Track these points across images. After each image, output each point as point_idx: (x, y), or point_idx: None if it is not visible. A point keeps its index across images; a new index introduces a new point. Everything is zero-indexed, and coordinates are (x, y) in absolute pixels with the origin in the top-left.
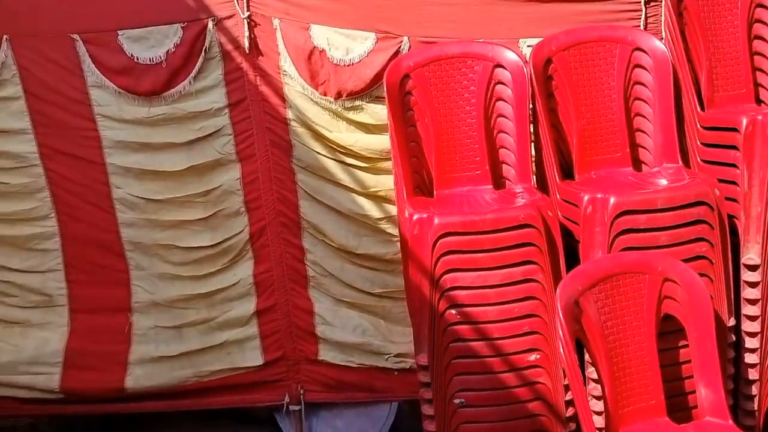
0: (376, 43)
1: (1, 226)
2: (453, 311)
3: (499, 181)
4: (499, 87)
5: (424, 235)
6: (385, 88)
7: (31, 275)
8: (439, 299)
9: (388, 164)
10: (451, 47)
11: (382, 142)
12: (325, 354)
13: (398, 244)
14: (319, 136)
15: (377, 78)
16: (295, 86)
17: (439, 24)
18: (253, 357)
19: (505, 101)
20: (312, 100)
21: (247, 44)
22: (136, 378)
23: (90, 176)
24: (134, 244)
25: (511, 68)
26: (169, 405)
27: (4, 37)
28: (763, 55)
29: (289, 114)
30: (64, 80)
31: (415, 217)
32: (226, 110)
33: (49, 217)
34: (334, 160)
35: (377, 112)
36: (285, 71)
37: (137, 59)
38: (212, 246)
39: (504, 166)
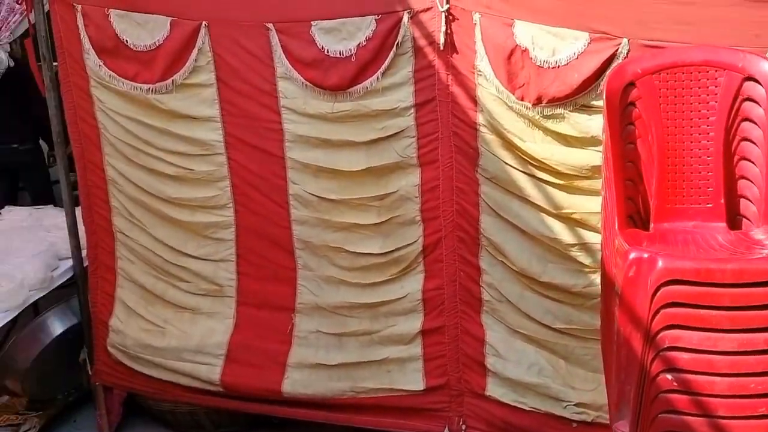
0: (588, 44)
1: (181, 211)
2: (669, 376)
3: (734, 219)
4: (747, 104)
5: (642, 278)
6: (604, 97)
7: (204, 263)
8: (653, 359)
9: (587, 183)
10: (692, 53)
11: (583, 157)
12: (494, 390)
13: (590, 276)
14: (510, 145)
15: (585, 84)
16: (489, 88)
17: (669, 26)
18: (413, 380)
19: (754, 122)
20: (506, 104)
21: (441, 40)
22: (293, 382)
23: (269, 169)
24: (304, 243)
25: (766, 83)
26: (324, 416)
27: (203, 23)
28: None
29: (480, 118)
30: (255, 70)
31: (633, 255)
32: (412, 110)
33: (227, 206)
34: (525, 173)
35: (580, 123)
36: (480, 71)
37: (327, 52)
38: (382, 254)
39: (742, 200)
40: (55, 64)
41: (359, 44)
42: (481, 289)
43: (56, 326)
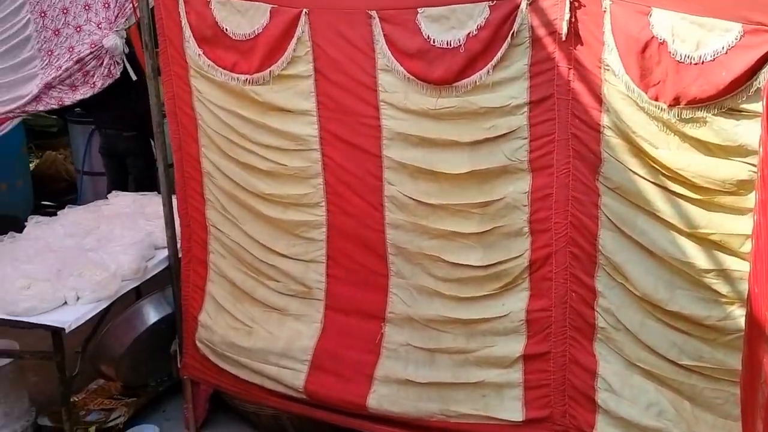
0: (741, 37)
1: (273, 208)
2: None
3: None
4: None
5: None
6: (763, 101)
7: (294, 263)
8: None
9: (730, 200)
10: None
11: (727, 169)
12: (604, 429)
13: (727, 307)
14: (639, 152)
15: (735, 84)
16: (617, 85)
17: None
18: (511, 408)
19: None
20: (637, 104)
21: (564, 29)
22: (379, 397)
23: (364, 168)
24: (398, 249)
25: None
26: None
27: (304, 10)
28: None
29: (604, 120)
30: (355, 61)
31: None
32: (525, 108)
33: (320, 205)
34: (655, 184)
35: (725, 130)
36: (608, 65)
37: (433, 42)
38: (483, 267)
39: None
40: (157, 51)
41: (469, 33)
42: (596, 314)
43: (151, 315)
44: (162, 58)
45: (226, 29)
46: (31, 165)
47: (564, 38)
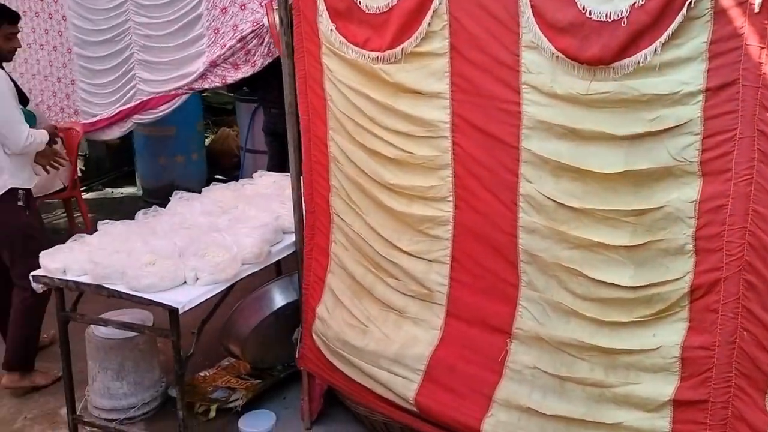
0: None
1: (398, 200)
2: None
3: None
4: None
5: None
6: None
7: (416, 261)
8: None
9: None
10: None
11: None
12: None
13: None
14: None
15: None
16: None
17: None
18: None
19: None
20: None
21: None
22: (496, 423)
23: (498, 160)
24: (531, 257)
25: None
26: None
27: None
28: None
29: None
30: (496, 36)
31: None
32: (700, 97)
33: (447, 200)
34: None
35: None
36: None
37: (590, 13)
38: (632, 288)
39: None
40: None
41: (634, 4)
42: None
43: (277, 300)
44: (296, 34)
45: (360, 2)
46: (207, 140)
47: (758, 9)
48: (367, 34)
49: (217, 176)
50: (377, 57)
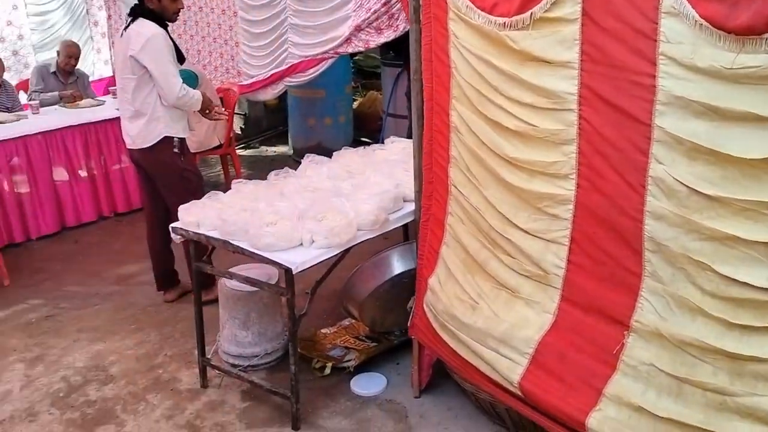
0: None
1: (518, 174)
2: None
3: None
4: None
5: None
6: None
7: (532, 240)
8: None
9: None
10: None
11: None
12: None
13: None
14: None
15: None
16: None
17: None
18: None
19: None
20: None
21: None
22: (603, 419)
23: (627, 138)
24: (657, 245)
25: None
26: None
27: None
28: None
29: None
30: (633, 1)
31: None
32: None
33: (569, 177)
34: None
35: None
36: None
37: None
38: (767, 290)
39: None
40: None
41: None
42: None
43: (395, 266)
44: None
45: None
46: (355, 103)
47: None
48: None
49: (363, 138)
50: (504, 23)
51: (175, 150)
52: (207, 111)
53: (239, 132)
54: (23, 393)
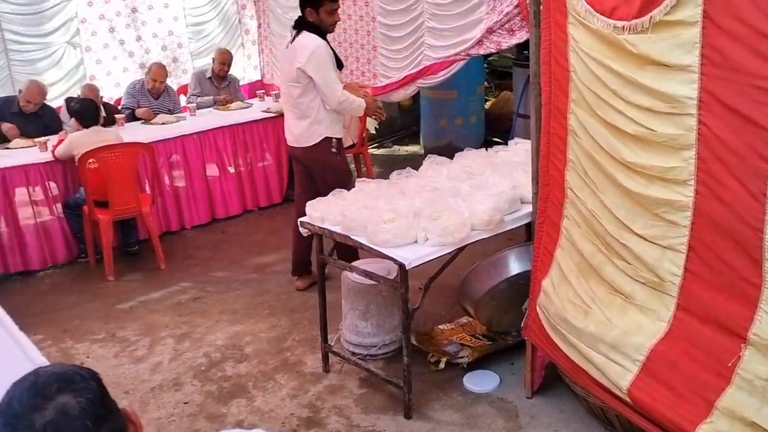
0: None
1: (635, 179)
2: None
3: None
4: None
5: None
6: None
7: (649, 246)
8: None
9: None
10: None
11: None
12: None
13: None
14: None
15: None
16: None
17: None
18: None
19: None
20: None
21: None
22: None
23: (748, 144)
24: None
25: None
26: None
27: None
28: None
29: None
30: (757, 3)
31: None
32: None
33: (688, 183)
34: None
35: None
36: None
37: None
38: None
39: None
40: None
41: None
42: None
43: (512, 267)
44: (543, 2)
45: None
46: (487, 104)
47: None
48: (614, 3)
49: (495, 138)
50: (623, 26)
51: (333, 150)
52: (372, 111)
53: (374, 132)
54: (171, 365)
